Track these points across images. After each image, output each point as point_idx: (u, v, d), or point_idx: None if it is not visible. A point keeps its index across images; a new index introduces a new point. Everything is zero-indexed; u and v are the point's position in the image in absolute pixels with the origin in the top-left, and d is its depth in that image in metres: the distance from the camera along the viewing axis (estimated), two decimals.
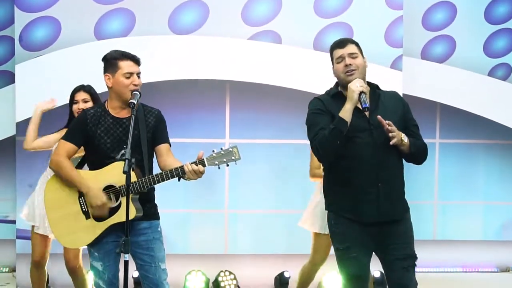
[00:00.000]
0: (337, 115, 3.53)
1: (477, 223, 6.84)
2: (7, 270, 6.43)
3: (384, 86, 3.82)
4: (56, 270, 5.63)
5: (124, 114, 3.66)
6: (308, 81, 5.80)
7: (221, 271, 5.88)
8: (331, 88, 3.81)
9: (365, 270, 3.69)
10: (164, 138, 3.76)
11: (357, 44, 3.69)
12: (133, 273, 5.55)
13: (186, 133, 5.83)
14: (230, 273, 5.88)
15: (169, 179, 3.51)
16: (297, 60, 5.95)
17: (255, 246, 6.10)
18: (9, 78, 6.21)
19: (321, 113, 3.65)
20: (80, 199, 3.65)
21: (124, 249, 3.31)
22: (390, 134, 3.45)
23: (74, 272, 4.91)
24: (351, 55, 3.62)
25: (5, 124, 6.13)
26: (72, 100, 4.77)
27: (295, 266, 5.35)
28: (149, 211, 3.72)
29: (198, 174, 3.46)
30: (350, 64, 3.60)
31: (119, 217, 3.54)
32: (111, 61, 3.67)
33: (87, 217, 3.63)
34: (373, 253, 3.73)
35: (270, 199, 6.04)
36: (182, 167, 3.48)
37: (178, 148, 4.01)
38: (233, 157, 3.48)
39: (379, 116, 3.48)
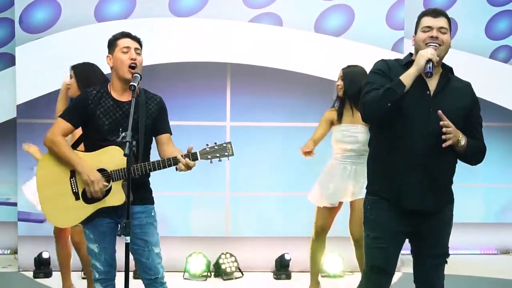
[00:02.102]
0: None
1: (478, 205, 6.85)
2: (8, 252, 6.47)
3: None
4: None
5: (125, 97, 3.65)
6: (309, 63, 5.79)
7: (222, 254, 5.90)
8: (404, 57, 3.57)
9: (391, 263, 3.52)
10: (165, 128, 3.75)
11: (449, 21, 3.41)
12: None
13: (186, 115, 5.83)
14: (231, 255, 5.91)
15: (161, 168, 3.51)
16: (298, 42, 5.93)
17: (256, 228, 6.12)
18: (9, 60, 6.19)
19: (382, 75, 3.41)
20: (72, 179, 3.63)
21: (125, 232, 3.32)
22: (444, 136, 3.25)
23: (79, 247, 4.93)
24: (441, 29, 3.35)
25: (6, 107, 6.12)
26: None
27: (295, 248, 5.37)
28: (143, 196, 3.71)
29: (189, 168, 3.46)
30: (436, 37, 3.34)
31: (109, 201, 3.56)
32: (111, 42, 3.71)
33: (77, 198, 3.62)
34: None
35: (271, 182, 6.04)
36: (175, 158, 3.48)
37: (179, 131, 4.01)
38: (226, 153, 3.47)
39: (440, 112, 3.25)
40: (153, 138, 3.76)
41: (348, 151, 4.92)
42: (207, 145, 3.48)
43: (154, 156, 3.72)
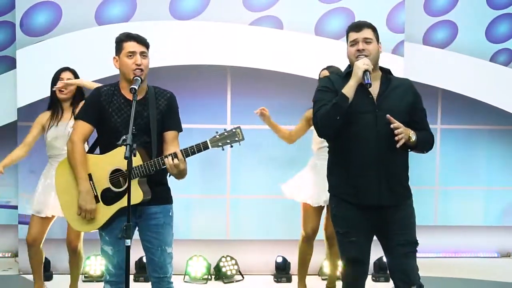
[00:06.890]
0: None
1: (478, 208, 6.86)
2: (9, 255, 6.46)
3: None
4: (57, 255, 5.65)
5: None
6: (309, 66, 5.79)
7: (223, 256, 5.90)
8: (344, 69, 3.81)
9: (364, 254, 3.72)
10: (172, 125, 3.73)
11: (374, 29, 3.67)
12: (144, 257, 5.61)
13: (187, 118, 5.75)
14: (232, 258, 5.90)
15: (161, 167, 3.49)
16: (299, 45, 5.93)
17: (257, 231, 6.12)
18: (10, 63, 6.20)
19: (327, 91, 3.66)
20: (90, 182, 3.64)
21: (126, 234, 3.31)
22: (396, 138, 3.46)
23: (75, 252, 4.95)
24: (365, 40, 3.60)
25: (7, 110, 6.13)
26: (57, 79, 4.81)
27: (296, 251, 5.36)
28: (161, 195, 3.73)
29: (177, 167, 3.44)
30: (362, 50, 3.58)
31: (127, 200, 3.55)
32: (118, 43, 3.70)
33: (96, 201, 3.63)
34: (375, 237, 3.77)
35: (272, 184, 6.02)
36: (167, 156, 3.47)
37: (180, 133, 4.00)
38: (236, 138, 3.48)
39: (388, 116, 3.49)
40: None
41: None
42: (216, 132, 3.48)
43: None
